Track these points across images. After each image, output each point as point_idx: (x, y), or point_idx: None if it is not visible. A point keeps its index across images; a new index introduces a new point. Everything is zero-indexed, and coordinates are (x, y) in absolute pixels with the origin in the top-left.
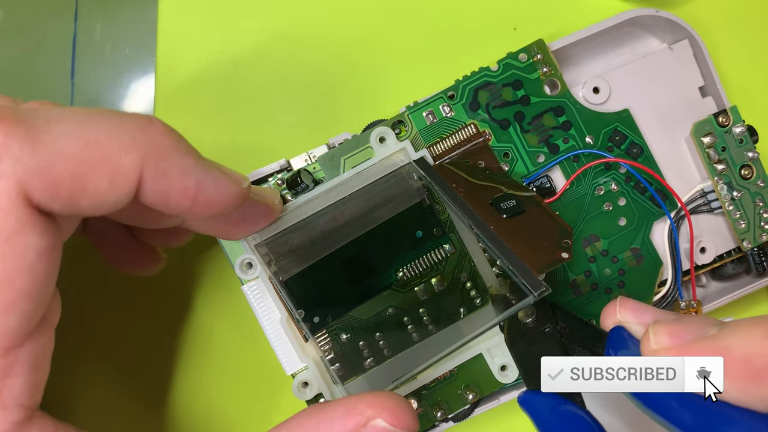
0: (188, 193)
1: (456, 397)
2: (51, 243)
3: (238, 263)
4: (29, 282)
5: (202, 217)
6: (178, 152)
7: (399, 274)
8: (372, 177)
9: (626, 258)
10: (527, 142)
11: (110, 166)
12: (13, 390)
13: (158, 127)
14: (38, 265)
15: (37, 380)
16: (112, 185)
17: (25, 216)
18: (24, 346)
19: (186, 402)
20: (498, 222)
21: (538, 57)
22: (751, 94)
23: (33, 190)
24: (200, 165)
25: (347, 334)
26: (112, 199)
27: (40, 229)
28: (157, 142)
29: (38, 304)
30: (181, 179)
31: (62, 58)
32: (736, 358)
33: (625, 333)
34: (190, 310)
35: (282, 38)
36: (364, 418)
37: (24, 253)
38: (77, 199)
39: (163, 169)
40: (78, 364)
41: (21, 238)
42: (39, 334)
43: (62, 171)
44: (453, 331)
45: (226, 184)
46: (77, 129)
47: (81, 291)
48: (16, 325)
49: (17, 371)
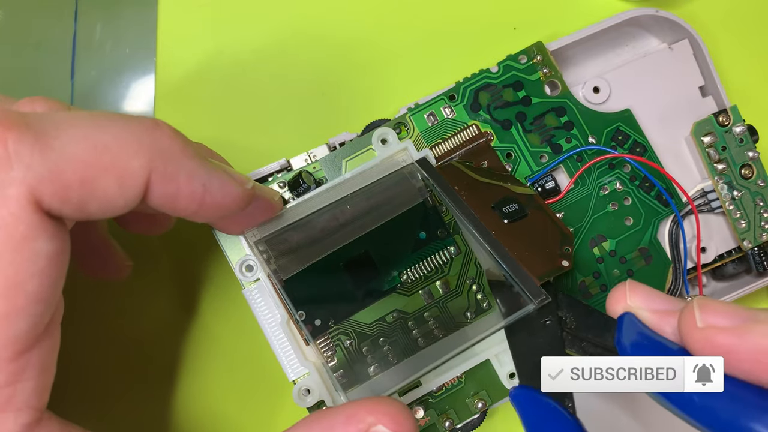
0: (195, 196)
1: (464, 406)
2: (60, 247)
3: (237, 265)
4: (40, 286)
5: (209, 219)
6: (185, 155)
7: (403, 277)
8: (374, 177)
9: (635, 258)
10: (530, 142)
11: (119, 171)
12: (25, 393)
13: (165, 131)
14: (48, 269)
15: (46, 382)
16: (120, 189)
17: (35, 221)
18: (34, 349)
19: (187, 404)
20: (499, 226)
21: (537, 58)
22: (751, 94)
23: (43, 195)
24: (206, 168)
25: (350, 339)
26: (120, 203)
27: (50, 234)
28: (164, 146)
29: (48, 307)
30: (188, 183)
31: (62, 58)
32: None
33: (636, 320)
34: (191, 311)
35: (282, 38)
36: (365, 425)
37: (35, 258)
38: (86, 204)
39: (170, 172)
40: (80, 365)
41: (32, 243)
42: (47, 337)
43: (71, 176)
44: (460, 336)
45: (232, 186)
46: (85, 134)
47: (82, 291)
48: (28, 329)
49: (28, 375)
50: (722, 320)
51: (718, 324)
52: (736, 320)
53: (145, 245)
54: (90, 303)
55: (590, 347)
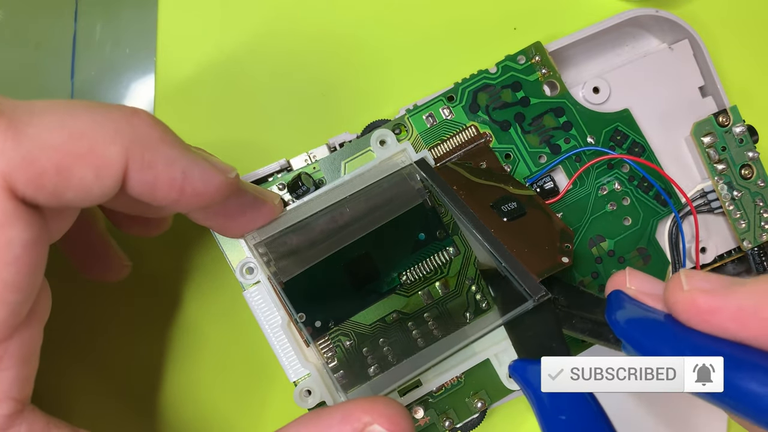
0: (174, 184)
1: (463, 405)
2: (37, 235)
3: (238, 268)
4: (16, 274)
5: (191, 208)
6: (163, 143)
7: (402, 278)
8: (373, 178)
9: (633, 258)
10: (528, 142)
11: (95, 158)
12: (3, 383)
13: (143, 118)
14: (24, 257)
15: (26, 373)
16: (97, 177)
17: (9, 209)
18: (13, 339)
19: (179, 401)
20: (498, 225)
21: (536, 59)
22: (751, 94)
23: (17, 182)
24: (186, 155)
25: (350, 340)
26: (97, 190)
27: (25, 222)
28: (142, 133)
29: (26, 296)
30: (167, 170)
31: (62, 58)
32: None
33: (623, 295)
34: (181, 308)
35: (282, 38)
36: (361, 424)
37: (9, 246)
38: (62, 192)
39: (148, 160)
40: (71, 364)
41: (6, 230)
42: (27, 327)
43: (46, 163)
44: (459, 336)
45: (213, 174)
46: (61, 121)
47: (75, 291)
48: (5, 317)
49: (7, 364)
50: (706, 284)
51: (703, 287)
52: (719, 284)
53: (142, 246)
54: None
55: (581, 322)
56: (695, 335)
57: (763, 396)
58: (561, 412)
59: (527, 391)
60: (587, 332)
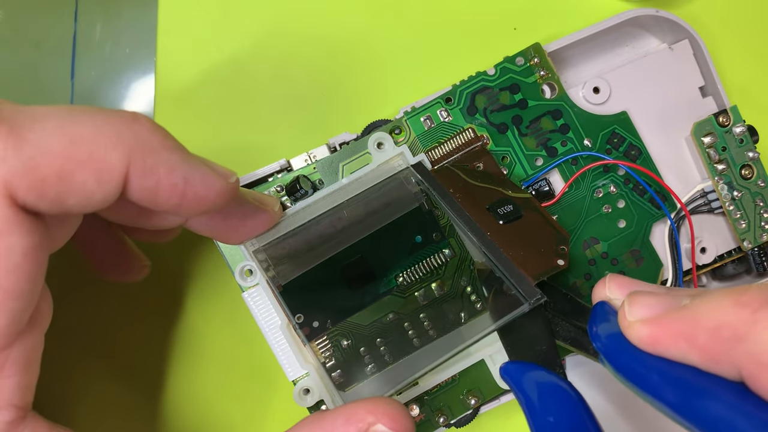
0: (176, 189)
1: (458, 403)
2: (37, 242)
3: (238, 270)
4: (16, 282)
5: (192, 214)
6: (164, 148)
7: (399, 280)
8: (370, 182)
9: (626, 260)
10: (525, 145)
11: (96, 164)
12: (5, 390)
13: (144, 124)
14: (25, 264)
15: (28, 380)
16: (98, 183)
17: (10, 216)
18: (14, 346)
19: (182, 404)
20: (494, 228)
21: (535, 60)
22: (751, 94)
23: (18, 189)
24: (187, 161)
25: (348, 340)
26: (99, 196)
27: (26, 229)
28: (143, 139)
29: (26, 303)
30: (169, 175)
31: (62, 58)
32: (707, 328)
33: (607, 308)
34: (182, 310)
35: (282, 38)
36: (365, 424)
37: (9, 253)
38: (64, 198)
39: (149, 165)
40: (74, 367)
41: (6, 238)
42: (29, 334)
43: (47, 170)
44: (454, 336)
45: (214, 179)
46: (62, 127)
47: (76, 294)
48: (5, 324)
49: (8, 372)
50: (648, 311)
51: (643, 316)
52: (660, 310)
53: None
54: (85, 305)
55: (564, 330)
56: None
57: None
58: (549, 413)
59: (517, 393)
60: (569, 341)
